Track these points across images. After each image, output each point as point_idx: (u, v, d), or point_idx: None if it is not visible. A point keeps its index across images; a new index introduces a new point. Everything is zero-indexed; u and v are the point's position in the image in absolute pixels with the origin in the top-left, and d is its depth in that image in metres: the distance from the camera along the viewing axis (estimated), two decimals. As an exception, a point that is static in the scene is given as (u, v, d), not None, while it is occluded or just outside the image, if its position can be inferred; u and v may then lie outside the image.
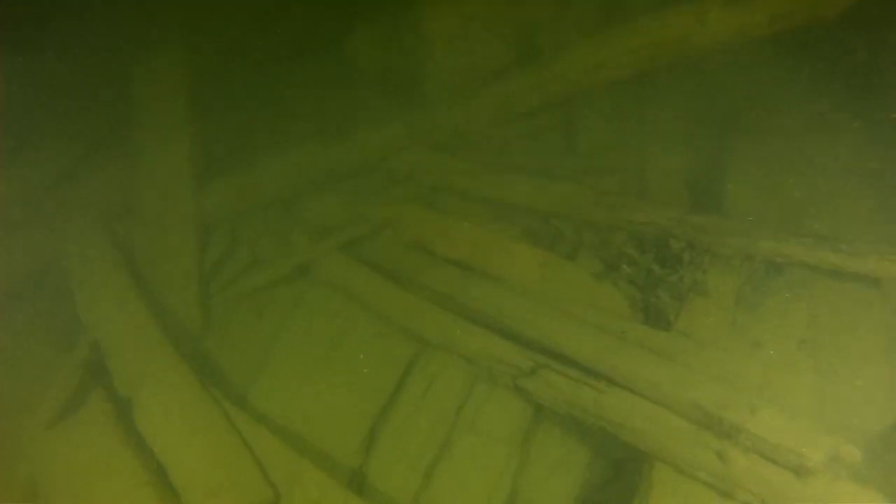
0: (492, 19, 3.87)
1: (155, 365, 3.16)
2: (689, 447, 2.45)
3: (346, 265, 3.67)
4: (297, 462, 2.81)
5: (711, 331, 2.88)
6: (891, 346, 2.75)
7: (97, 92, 4.63)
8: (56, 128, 4.53)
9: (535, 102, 3.85)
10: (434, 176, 4.04)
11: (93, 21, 4.60)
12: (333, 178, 4.19)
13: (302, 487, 2.73)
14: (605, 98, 3.86)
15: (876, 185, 3.12)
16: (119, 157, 4.44)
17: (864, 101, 3.31)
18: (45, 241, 4.03)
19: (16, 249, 3.98)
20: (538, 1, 3.91)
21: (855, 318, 2.85)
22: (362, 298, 3.53)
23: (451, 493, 2.87)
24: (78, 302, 3.62)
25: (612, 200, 3.37)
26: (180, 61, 4.47)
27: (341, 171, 4.19)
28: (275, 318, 3.68)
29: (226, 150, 4.48)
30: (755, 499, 2.32)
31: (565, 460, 2.88)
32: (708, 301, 3.02)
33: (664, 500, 2.45)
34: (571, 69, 3.65)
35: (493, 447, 2.92)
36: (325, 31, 4.79)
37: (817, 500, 2.23)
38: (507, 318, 3.13)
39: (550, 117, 3.92)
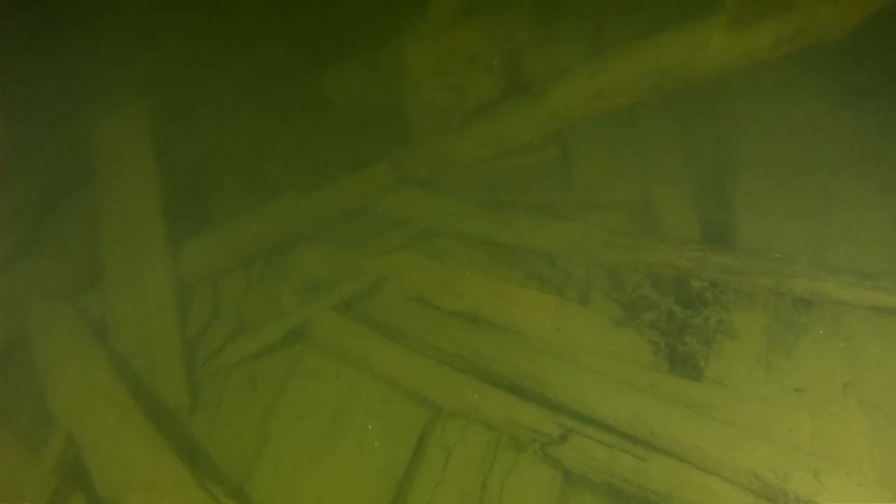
0: (476, 51, 3.65)
1: (142, 462, 2.85)
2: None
3: (344, 326, 3.40)
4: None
5: (746, 377, 2.72)
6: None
7: (53, 149, 4.28)
8: (9, 192, 4.16)
9: (528, 137, 3.65)
10: (427, 219, 3.79)
11: (47, 73, 4.26)
12: (320, 228, 3.92)
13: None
14: (601, 128, 3.68)
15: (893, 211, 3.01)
16: (81, 221, 4.10)
17: (875, 124, 3.21)
18: (5, 320, 3.67)
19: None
20: (524, 27, 3.71)
21: (897, 355, 2.72)
22: (364, 362, 3.27)
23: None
24: (47, 389, 3.28)
25: (625, 240, 3.19)
26: (145, 111, 4.14)
27: (327, 220, 3.92)
28: (270, 390, 3.39)
29: (200, 205, 4.17)
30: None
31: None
32: (737, 343, 2.85)
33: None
34: (565, 101, 3.46)
35: (527, 523, 2.69)
36: (299, 70, 4.52)
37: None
38: (526, 378, 2.92)
39: (545, 151, 3.72)
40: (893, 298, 2.63)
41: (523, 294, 3.29)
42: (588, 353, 3.00)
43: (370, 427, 3.12)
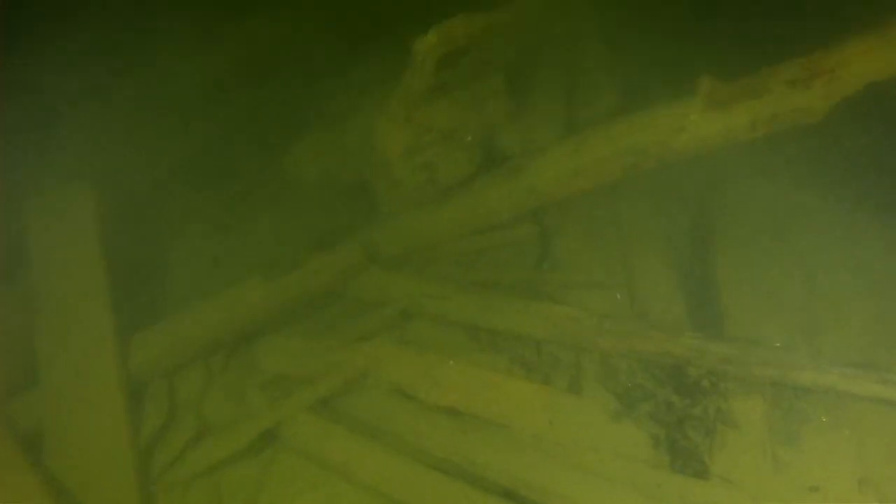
0: (449, 127, 3.54)
1: None
2: None
3: (320, 427, 3.12)
4: None
5: (755, 474, 2.60)
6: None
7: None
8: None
9: (505, 214, 3.53)
10: (403, 301, 3.59)
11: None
12: (287, 316, 3.65)
13: None
14: (578, 205, 3.60)
15: (880, 284, 3.03)
16: (12, 313, 3.69)
17: (855, 193, 3.26)
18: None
19: None
20: (496, 102, 3.63)
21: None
22: (344, 468, 3.00)
23: None
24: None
25: (616, 326, 3.07)
26: (88, 189, 3.82)
27: (295, 307, 3.66)
28: (239, 502, 3.07)
29: (151, 292, 3.84)
30: None
31: None
32: (739, 434, 2.75)
33: None
34: (544, 179, 3.37)
35: None
36: (260, 147, 4.31)
37: None
38: (522, 486, 2.72)
39: (523, 228, 3.61)
40: (898, 390, 2.60)
41: (512, 384, 3.12)
42: (586, 449, 2.83)
43: (354, 544, 2.85)
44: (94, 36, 4.80)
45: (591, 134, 3.30)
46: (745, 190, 3.49)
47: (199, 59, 4.71)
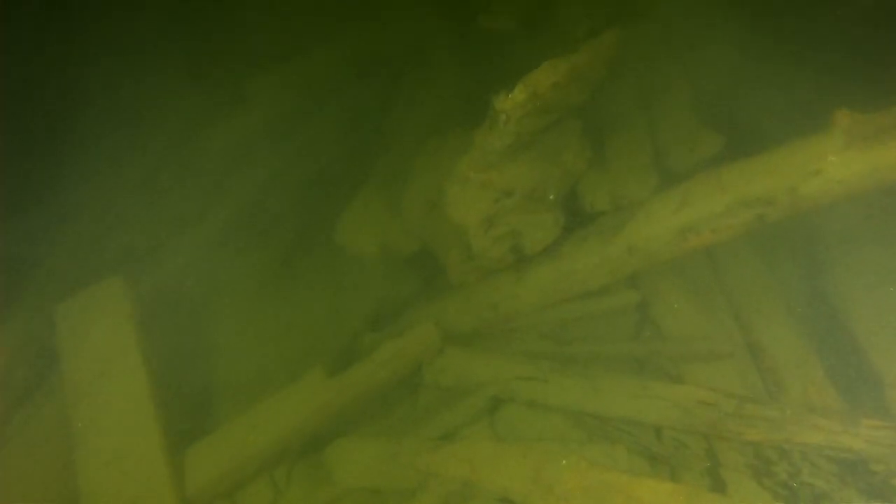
0: (529, 187, 3.12)
1: None
2: None
3: (418, 556, 2.67)
4: None
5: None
6: None
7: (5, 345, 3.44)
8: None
9: (598, 282, 3.10)
10: (491, 386, 3.15)
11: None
12: (357, 413, 3.20)
13: None
14: (676, 265, 3.17)
15: None
16: (46, 436, 3.24)
17: None
18: None
19: None
20: (576, 151, 3.22)
21: None
22: None
23: None
24: None
25: (763, 411, 2.61)
26: (121, 287, 3.39)
27: (365, 401, 3.21)
28: None
29: (202, 400, 3.39)
30: None
31: None
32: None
33: None
34: (644, 239, 2.94)
35: None
36: (304, 208, 3.91)
37: None
38: None
39: (620, 295, 3.17)
40: None
41: (644, 486, 2.64)
42: (751, 567, 2.37)
43: None
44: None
45: (699, 183, 2.87)
46: (867, 236, 3.04)
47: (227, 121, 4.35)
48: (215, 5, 4.85)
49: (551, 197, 3.15)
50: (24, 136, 4.27)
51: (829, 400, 2.73)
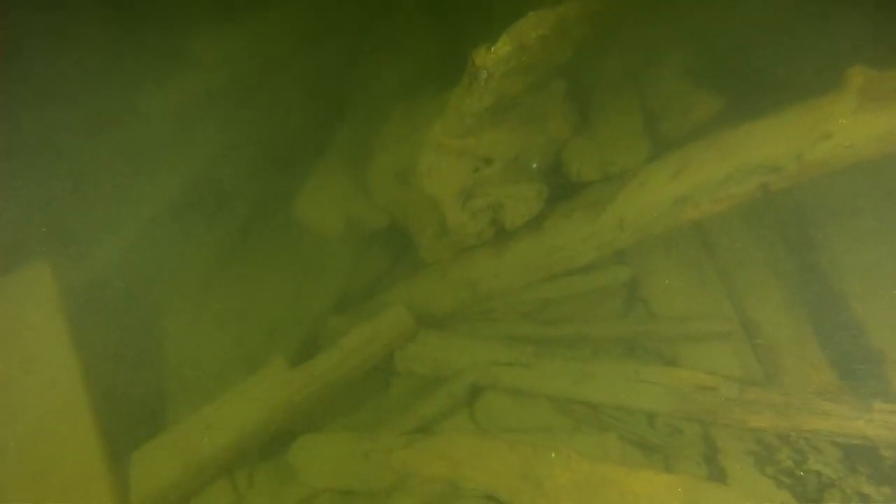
0: (511, 153, 2.82)
1: None
2: None
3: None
4: None
5: None
6: None
7: None
8: None
9: (585, 258, 2.85)
10: (469, 372, 2.89)
11: None
12: (324, 406, 2.90)
13: None
14: (661, 240, 2.95)
15: None
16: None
17: None
18: None
19: None
20: (561, 116, 2.94)
21: None
22: None
23: None
24: None
25: (767, 396, 2.43)
26: (47, 273, 2.99)
27: (334, 392, 2.91)
28: None
29: (143, 394, 3.03)
30: None
31: None
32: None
33: None
34: (636, 211, 2.70)
35: None
36: (259, 180, 3.54)
37: None
38: None
39: (610, 272, 2.93)
40: None
41: (640, 478, 2.45)
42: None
43: None
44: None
45: (697, 149, 2.63)
46: (860, 206, 2.86)
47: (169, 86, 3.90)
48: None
49: (534, 166, 2.88)
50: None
51: (829, 381, 2.58)
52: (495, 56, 2.32)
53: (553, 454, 2.56)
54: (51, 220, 3.30)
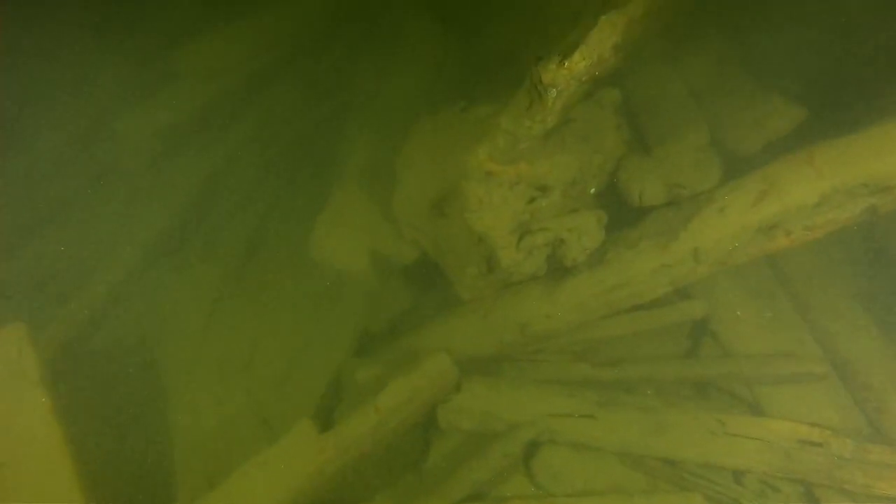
0: (568, 178, 2.45)
1: None
2: None
3: None
4: None
5: None
6: None
7: None
8: None
9: (655, 293, 2.50)
10: (526, 428, 2.54)
11: None
12: (360, 476, 2.52)
13: None
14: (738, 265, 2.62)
15: None
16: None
17: None
18: None
19: None
20: (617, 133, 2.59)
21: None
22: None
23: None
24: None
25: (885, 457, 2.13)
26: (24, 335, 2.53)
27: (369, 458, 2.52)
28: None
29: (149, 470, 2.59)
30: None
31: None
32: None
33: None
34: (712, 241, 2.35)
35: None
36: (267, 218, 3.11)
37: None
38: None
39: (680, 308, 2.59)
40: None
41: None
42: None
43: None
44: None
45: (784, 168, 2.30)
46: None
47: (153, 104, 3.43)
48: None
49: (592, 191, 2.53)
50: None
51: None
52: (569, 72, 1.95)
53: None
54: (25, 271, 2.83)
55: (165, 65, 3.39)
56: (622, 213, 2.62)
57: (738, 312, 2.65)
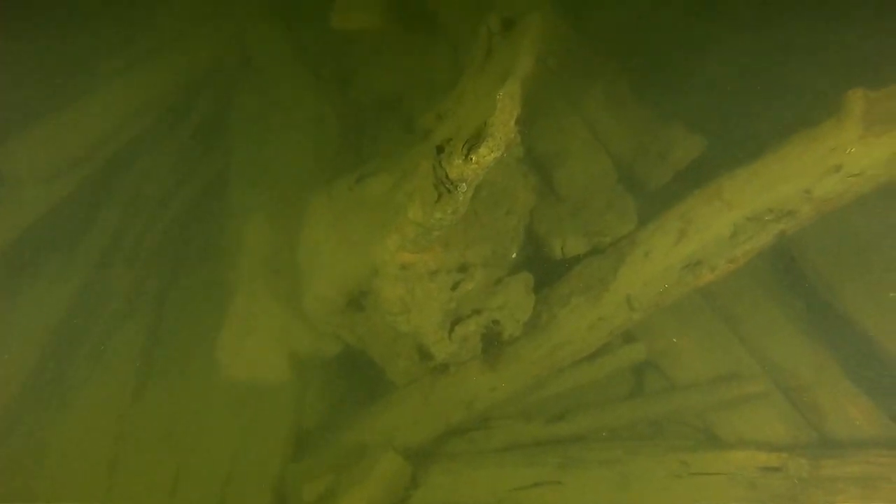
0: (484, 247, 2.30)
1: None
2: None
3: None
4: None
5: None
6: None
7: None
8: None
9: (595, 345, 2.42)
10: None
11: None
12: None
13: None
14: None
15: None
16: None
17: None
18: None
19: None
20: (521, 181, 2.46)
21: None
22: None
23: None
24: None
25: (836, 471, 2.16)
26: None
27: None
28: None
29: None
30: None
31: None
32: None
33: None
34: (642, 285, 2.30)
35: None
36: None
37: None
38: None
39: (621, 354, 2.52)
40: None
41: None
42: None
43: None
44: None
45: (696, 203, 2.28)
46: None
47: None
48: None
49: (514, 255, 2.40)
50: None
51: (871, 417, 2.40)
52: (478, 166, 1.78)
53: None
54: None
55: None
56: (547, 266, 2.53)
57: (674, 339, 2.65)
